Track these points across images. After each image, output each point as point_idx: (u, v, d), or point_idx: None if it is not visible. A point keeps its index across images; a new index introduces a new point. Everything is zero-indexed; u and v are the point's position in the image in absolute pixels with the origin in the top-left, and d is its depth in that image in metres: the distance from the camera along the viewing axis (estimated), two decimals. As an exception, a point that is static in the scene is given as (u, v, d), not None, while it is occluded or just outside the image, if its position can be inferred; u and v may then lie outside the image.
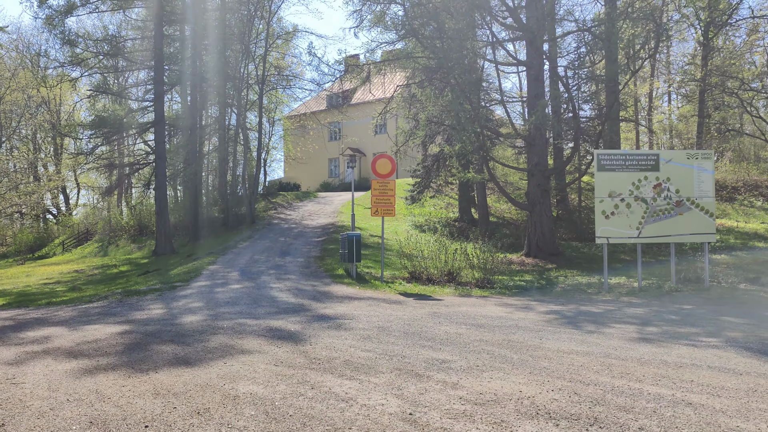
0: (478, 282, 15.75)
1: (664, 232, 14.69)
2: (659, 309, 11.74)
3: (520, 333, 9.01)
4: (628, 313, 11.25)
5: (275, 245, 22.80)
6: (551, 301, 12.97)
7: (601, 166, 14.62)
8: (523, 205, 21.49)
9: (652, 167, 14.69)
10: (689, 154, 14.89)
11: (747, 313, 11.12)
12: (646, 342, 8.38)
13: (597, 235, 14.64)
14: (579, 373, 6.49)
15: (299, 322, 9.99)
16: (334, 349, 7.80)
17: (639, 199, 14.64)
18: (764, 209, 30.13)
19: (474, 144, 19.57)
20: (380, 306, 11.87)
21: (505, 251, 23.11)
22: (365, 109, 43.50)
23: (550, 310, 11.58)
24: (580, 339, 8.55)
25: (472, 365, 6.88)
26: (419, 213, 30.51)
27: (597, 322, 10.08)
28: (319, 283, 15.09)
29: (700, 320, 10.30)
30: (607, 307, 12.04)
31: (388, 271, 17.22)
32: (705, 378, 6.33)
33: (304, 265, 18.30)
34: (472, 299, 13.22)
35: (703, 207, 14.76)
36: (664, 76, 38.64)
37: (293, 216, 31.26)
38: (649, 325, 9.87)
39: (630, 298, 13.55)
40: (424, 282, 15.78)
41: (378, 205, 15.39)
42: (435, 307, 11.86)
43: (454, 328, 9.36)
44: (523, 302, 12.74)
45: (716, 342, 8.39)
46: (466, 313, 10.97)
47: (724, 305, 12.33)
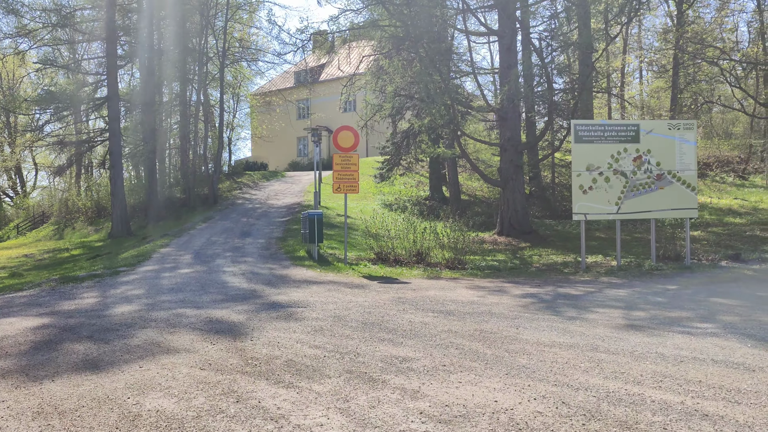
0: (448, 263, 14.62)
1: (644, 208, 13.69)
2: (642, 290, 10.73)
3: (493, 321, 7.87)
4: (610, 295, 10.21)
5: (236, 226, 21.39)
6: (526, 283, 11.89)
7: (579, 137, 13.51)
8: (495, 182, 20.39)
9: (632, 138, 13.64)
10: (671, 125, 13.86)
11: (736, 294, 10.17)
12: (635, 330, 7.31)
13: (574, 211, 13.58)
14: (565, 374, 5.36)
15: (246, 311, 8.72)
16: (277, 346, 6.56)
17: (618, 172, 13.60)
18: (735, 185, 29.61)
19: (444, 117, 18.33)
20: (340, 291, 10.65)
21: (477, 230, 22.06)
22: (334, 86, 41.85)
23: (525, 293, 10.48)
24: (561, 328, 7.44)
25: (438, 365, 5.71)
26: (389, 192, 29.29)
27: (578, 307, 9.00)
28: (278, 266, 13.80)
29: (689, 302, 9.30)
30: (586, 289, 11.00)
31: (354, 253, 16.00)
32: (714, 377, 5.25)
33: (264, 246, 16.97)
34: (442, 282, 12.08)
35: (684, 181, 13.78)
36: (636, 51, 37.78)
37: (258, 196, 29.77)
38: (635, 309, 8.83)
39: (609, 278, 12.55)
40: (392, 263, 14.59)
41: (340, 181, 14.09)
42: (401, 291, 10.68)
43: (419, 317, 8.19)
44: (496, 284, 11.64)
45: (713, 328, 7.36)
46: (435, 298, 9.81)
47: (710, 284, 11.39)
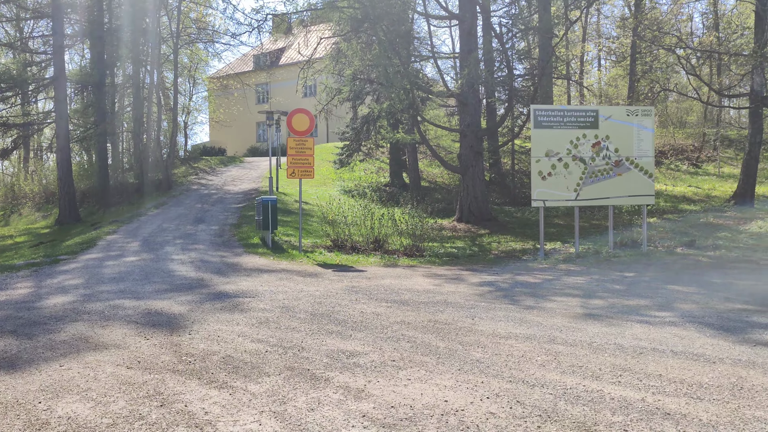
0: (406, 250, 14.27)
1: (602, 194, 13.56)
2: (600, 277, 10.56)
3: (449, 311, 7.52)
4: (568, 282, 9.99)
5: (190, 212, 20.61)
6: (484, 270, 11.61)
7: (538, 122, 13.26)
8: (455, 168, 20.10)
9: (591, 124, 13.45)
10: (629, 111, 13.72)
11: (692, 281, 10.07)
12: (593, 319, 7.05)
13: (533, 198, 13.35)
14: (521, 368, 5.02)
15: (189, 302, 8.17)
16: (217, 340, 6.07)
17: (577, 158, 13.41)
18: (689, 173, 30.05)
19: (403, 102, 17.90)
20: (292, 280, 10.17)
21: (437, 217, 21.77)
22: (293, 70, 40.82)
23: (483, 281, 10.19)
24: (518, 317, 7.13)
25: (387, 360, 5.31)
26: (348, 178, 28.77)
27: (536, 295, 8.73)
28: (229, 254, 13.22)
29: (647, 290, 9.13)
30: (544, 276, 10.77)
31: (310, 240, 15.50)
32: (675, 370, 4.98)
33: (218, 233, 16.31)
34: (399, 270, 11.70)
35: (642, 167, 13.69)
36: (595, 40, 37.96)
37: (215, 181, 28.88)
38: (593, 297, 8.61)
39: (568, 265, 12.37)
40: (348, 251, 14.15)
41: (295, 166, 13.53)
42: (355, 279, 10.26)
43: (372, 307, 7.78)
44: (453, 272, 11.32)
45: (671, 317, 7.15)
46: (390, 287, 9.42)
47: (667, 271, 11.30)
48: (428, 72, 25.82)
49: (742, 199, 21.63)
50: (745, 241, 16.06)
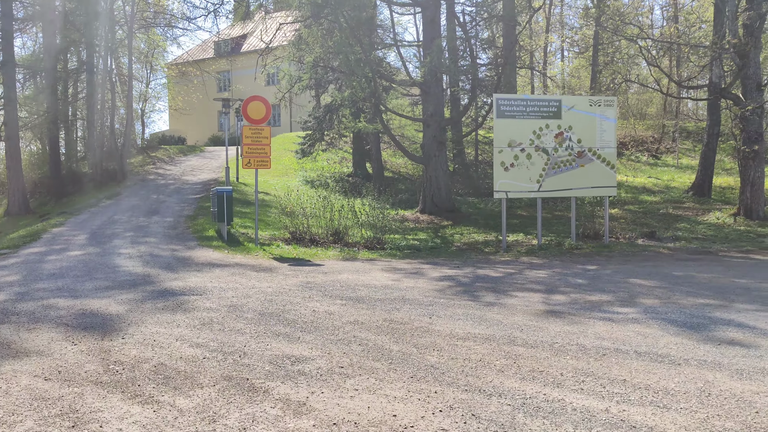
0: (367, 242, 13.85)
1: (565, 186, 13.35)
2: (562, 270, 10.31)
3: (406, 309, 7.13)
4: (530, 276, 9.71)
5: (144, 203, 19.79)
6: (446, 264, 11.27)
7: (501, 112, 12.94)
8: (418, 159, 19.72)
9: (553, 114, 13.20)
10: (592, 101, 13.51)
11: (654, 273, 9.90)
12: (555, 316, 6.74)
13: (495, 189, 13.06)
14: (478, 375, 4.65)
15: (129, 301, 7.60)
16: (152, 345, 5.55)
17: (540, 149, 13.15)
18: (649, 164, 30.33)
19: (365, 90, 17.41)
20: (245, 275, 9.65)
21: (401, 208, 21.40)
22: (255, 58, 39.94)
23: (443, 275, 9.83)
24: (478, 316, 6.78)
25: (335, 366, 4.89)
26: (311, 168, 28.17)
27: (497, 290, 8.41)
28: (182, 247, 12.60)
29: (609, 284, 8.90)
30: (506, 270, 10.48)
31: (268, 232, 14.95)
32: (639, 374, 4.67)
33: (172, 225, 15.62)
34: (358, 263, 11.27)
35: (604, 158, 13.51)
36: (558, 31, 37.98)
37: (173, 171, 27.94)
38: (555, 292, 8.32)
39: (530, 258, 12.12)
40: (307, 244, 13.66)
41: (251, 156, 12.95)
42: (311, 274, 9.79)
43: (325, 305, 7.34)
44: (414, 266, 10.94)
45: (634, 314, 6.90)
46: (347, 282, 8.99)
47: (628, 263, 11.14)
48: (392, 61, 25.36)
49: (700, 189, 21.83)
50: (704, 231, 16.11)
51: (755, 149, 17.29)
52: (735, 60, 16.64)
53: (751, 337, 5.84)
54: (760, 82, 17.46)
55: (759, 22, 16.38)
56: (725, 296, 7.90)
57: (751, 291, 8.30)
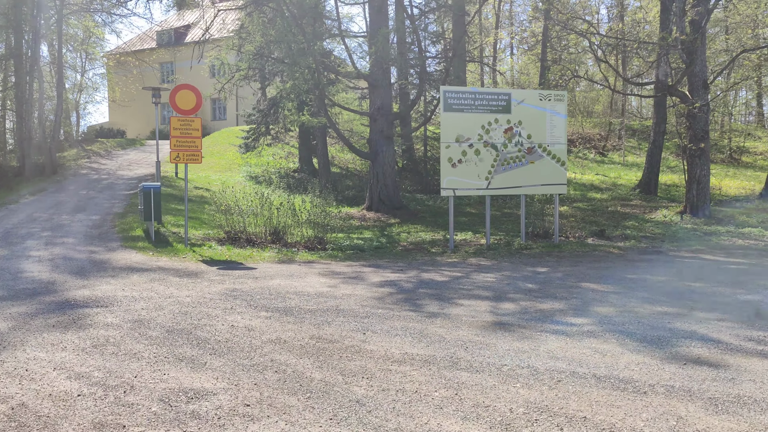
0: (307, 242, 12.91)
1: (514, 183, 12.71)
2: (512, 274, 9.63)
3: (338, 322, 6.26)
4: (477, 281, 8.98)
5: (71, 200, 18.28)
6: (389, 266, 10.45)
7: (448, 105, 12.19)
8: (364, 154, 18.87)
9: (503, 108, 12.53)
10: (542, 95, 12.92)
11: (606, 276, 9.33)
12: (504, 330, 6.00)
13: (442, 186, 12.31)
14: (412, 413, 3.82)
15: (17, 315, 6.47)
16: (21, 377, 4.51)
17: (489, 144, 12.47)
18: (596, 161, 30.32)
19: (308, 82, 16.42)
20: (165, 281, 8.59)
21: (348, 205, 20.52)
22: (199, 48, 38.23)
23: (385, 280, 9.00)
24: (418, 330, 5.97)
25: (240, 404, 3.97)
26: (256, 163, 26.94)
27: (441, 298, 7.63)
28: (102, 249, 11.38)
29: (561, 289, 8.24)
30: (453, 273, 9.73)
31: (202, 231, 13.82)
32: (601, 408, 3.93)
33: (96, 224, 14.30)
34: (294, 266, 10.33)
35: (554, 155, 12.95)
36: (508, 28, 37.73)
37: (108, 166, 26.25)
38: (504, 299, 7.60)
39: (478, 259, 11.43)
40: (243, 244, 12.62)
41: (179, 149, 11.80)
42: (240, 280, 8.80)
43: (247, 318, 6.39)
44: (354, 269, 10.08)
45: (589, 325, 6.22)
46: (278, 290, 8.05)
47: (579, 264, 10.56)
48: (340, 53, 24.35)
49: (647, 187, 21.72)
50: (652, 230, 15.82)
51: (701, 147, 17.12)
52: (683, 57, 16.39)
53: (717, 354, 5.22)
54: (706, 79, 17.30)
55: (706, 18, 16.16)
56: (683, 303, 7.33)
57: (708, 296, 7.78)
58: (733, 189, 23.63)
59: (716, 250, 12.85)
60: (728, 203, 21.00)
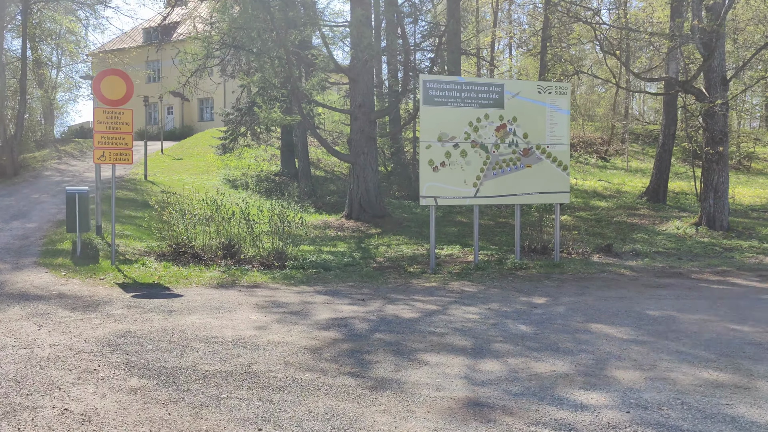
0: (264, 259, 10.76)
1: (508, 190, 10.54)
2: (501, 307, 7.45)
3: (230, 403, 4.08)
4: (455, 319, 6.79)
5: (17, 204, 16.12)
6: (350, 293, 8.28)
7: (429, 97, 10.03)
8: (344, 156, 16.73)
9: (494, 102, 10.37)
10: (541, 87, 10.74)
11: (622, 312, 7.15)
12: (481, 420, 3.82)
13: (422, 194, 10.13)
14: None
15: None
16: None
17: (478, 145, 10.31)
18: (598, 166, 28.19)
19: (279, 74, 14.27)
20: (44, 318, 6.41)
21: (328, 212, 18.37)
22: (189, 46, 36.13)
23: (336, 317, 6.81)
24: (348, 419, 3.80)
25: None
26: (236, 166, 24.80)
27: (401, 350, 5.45)
28: (7, 267, 9.21)
29: (564, 334, 6.06)
30: (426, 306, 7.55)
31: (146, 244, 11.67)
32: None
33: (27, 234, 12.14)
34: (232, 293, 8.15)
35: (555, 158, 10.78)
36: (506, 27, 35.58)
37: (77, 167, 24.12)
38: (486, 353, 5.42)
39: (462, 282, 9.24)
40: (188, 260, 10.46)
41: (105, 147, 9.63)
42: (145, 316, 6.63)
43: (101, 393, 4.22)
44: (305, 298, 7.90)
45: (610, 410, 4.04)
46: (184, 334, 5.88)
47: (586, 292, 8.38)
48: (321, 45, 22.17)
49: (655, 195, 19.56)
50: (664, 244, 13.67)
51: (719, 151, 14.95)
52: (699, 49, 14.21)
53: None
54: (725, 75, 15.13)
55: (727, 4, 13.97)
56: (736, 363, 5.15)
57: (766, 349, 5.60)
58: (747, 197, 21.45)
59: (745, 271, 10.67)
60: (743, 213, 18.82)
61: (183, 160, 26.33)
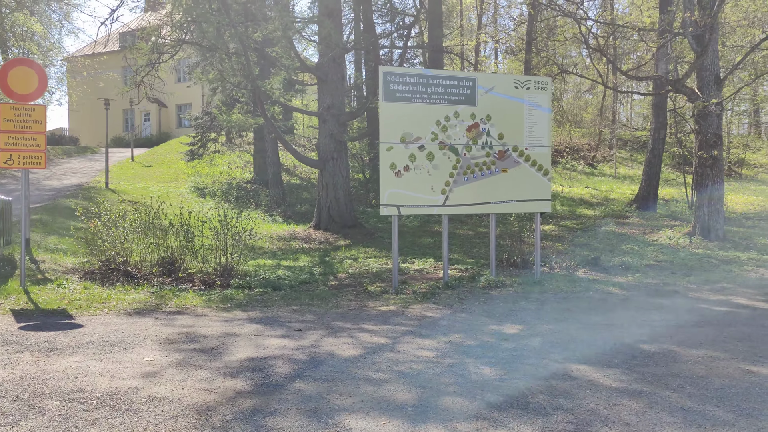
0: (207, 276, 9.36)
1: (481, 198, 9.19)
2: (465, 339, 6.07)
3: None
4: (403, 359, 5.40)
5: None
6: (289, 320, 6.89)
7: (390, 92, 8.69)
8: (311, 162, 15.38)
9: (466, 99, 9.04)
10: (518, 82, 9.43)
11: (611, 348, 5.80)
12: None
13: (382, 202, 8.77)
14: None
15: None
16: None
17: (447, 146, 8.97)
18: (585, 173, 26.98)
19: (237, 72, 12.92)
20: None
21: (298, 222, 16.98)
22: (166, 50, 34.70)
23: (256, 356, 5.41)
24: None
25: None
26: (207, 173, 23.37)
27: (317, 413, 4.06)
28: None
29: (537, 382, 4.70)
30: (374, 339, 6.16)
31: (77, 259, 10.24)
32: None
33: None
34: (145, 322, 6.74)
35: (535, 161, 9.46)
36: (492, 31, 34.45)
37: (37, 175, 22.63)
38: (431, 414, 4.03)
39: (425, 305, 7.87)
40: (118, 279, 9.05)
41: (13, 149, 8.23)
42: (16, 357, 5.21)
43: None
44: (231, 327, 6.49)
45: None
46: (46, 384, 4.48)
47: (567, 318, 7.03)
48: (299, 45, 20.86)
49: (645, 202, 18.30)
50: (656, 256, 12.38)
51: (714, 155, 13.71)
52: (692, 44, 12.99)
53: None
54: (719, 74, 13.91)
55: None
56: (761, 428, 3.80)
57: (797, 404, 4.26)
58: (741, 205, 20.24)
59: (748, 288, 9.37)
60: (738, 221, 17.58)
61: (153, 167, 24.89)
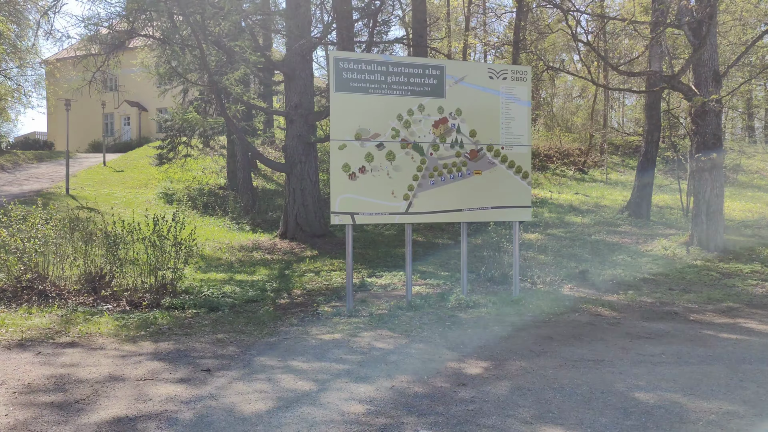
0: (135, 295, 8.00)
1: (450, 204, 7.85)
2: (411, 385, 4.72)
3: None
4: (321, 419, 4.03)
5: None
6: (203, 355, 5.53)
7: (343, 81, 7.36)
8: (277, 165, 14.05)
9: (432, 90, 7.73)
10: (493, 72, 8.12)
11: (597, 394, 4.47)
12: None
13: (334, 209, 7.42)
14: None
15: None
16: None
17: (410, 145, 7.64)
18: (575, 179, 25.70)
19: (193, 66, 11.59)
20: None
21: (267, 230, 15.63)
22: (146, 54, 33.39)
23: (126, 414, 4.04)
24: None
25: None
26: (180, 178, 21.99)
27: None
28: None
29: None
30: (296, 384, 4.79)
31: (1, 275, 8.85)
32: None
33: None
34: (22, 357, 5.37)
35: (513, 162, 8.14)
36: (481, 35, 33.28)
37: (1, 179, 21.25)
38: None
39: (379, 332, 6.51)
40: (30, 297, 7.68)
41: None
42: None
43: None
44: (123, 366, 5.12)
45: None
46: None
47: (545, 353, 5.70)
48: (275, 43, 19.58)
49: (637, 209, 17.00)
50: (650, 269, 11.08)
51: (712, 158, 12.44)
52: (689, 36, 11.75)
53: None
54: (718, 69, 12.66)
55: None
56: None
57: None
58: (738, 212, 18.97)
59: (757, 308, 8.07)
60: (736, 229, 16.29)
61: (124, 172, 23.51)
